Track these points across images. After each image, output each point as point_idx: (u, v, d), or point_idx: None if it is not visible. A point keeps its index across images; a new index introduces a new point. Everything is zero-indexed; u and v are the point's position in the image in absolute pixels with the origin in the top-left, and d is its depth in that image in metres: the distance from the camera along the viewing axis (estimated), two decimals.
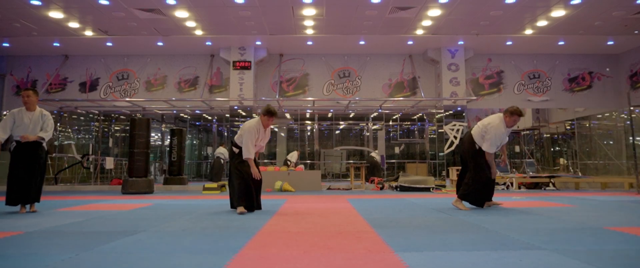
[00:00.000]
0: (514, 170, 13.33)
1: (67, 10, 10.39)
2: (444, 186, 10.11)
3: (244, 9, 10.42)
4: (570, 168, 14.41)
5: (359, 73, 14.15)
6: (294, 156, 13.99)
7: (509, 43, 13.04)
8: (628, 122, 13.11)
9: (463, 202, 5.51)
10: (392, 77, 14.17)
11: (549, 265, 2.48)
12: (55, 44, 12.95)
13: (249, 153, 4.97)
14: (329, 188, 10.80)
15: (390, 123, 15.72)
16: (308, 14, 10.77)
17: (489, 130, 5.25)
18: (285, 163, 13.63)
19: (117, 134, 16.17)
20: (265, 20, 11.23)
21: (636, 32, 12.02)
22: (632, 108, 9.71)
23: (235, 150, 5.20)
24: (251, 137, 5.00)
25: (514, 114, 5.19)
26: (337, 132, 17.28)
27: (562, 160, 14.93)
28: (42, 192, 5.54)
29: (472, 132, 5.52)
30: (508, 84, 14.12)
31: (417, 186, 9.70)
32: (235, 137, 5.27)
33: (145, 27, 11.59)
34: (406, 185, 9.74)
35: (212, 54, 14.04)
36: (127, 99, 13.64)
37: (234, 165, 5.18)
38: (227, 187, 10.33)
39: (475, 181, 5.37)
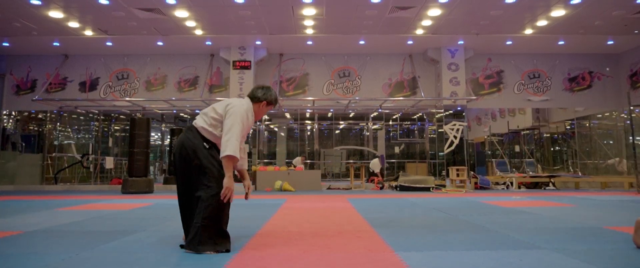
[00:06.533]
0: (514, 170, 13.33)
1: (67, 9, 10.39)
2: (444, 186, 10.11)
3: (243, 9, 10.41)
4: (571, 167, 14.41)
5: (359, 73, 14.14)
6: (298, 161, 13.99)
7: (509, 43, 13.04)
8: (628, 122, 13.11)
9: None
10: (392, 76, 14.17)
11: (549, 264, 2.48)
12: (55, 44, 12.94)
13: (233, 150, 2.88)
14: (329, 188, 10.80)
15: (390, 123, 15.71)
16: (308, 14, 10.77)
17: None
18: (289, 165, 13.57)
19: (117, 134, 16.16)
20: (265, 20, 11.22)
21: (636, 31, 12.02)
22: (632, 108, 9.71)
23: (206, 145, 3.04)
24: (241, 125, 3.01)
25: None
26: (337, 131, 17.26)
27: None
28: (42, 191, 5.56)
29: None
30: (508, 84, 14.11)
31: (417, 186, 9.70)
32: (202, 123, 3.08)
33: (145, 26, 11.59)
34: (406, 184, 9.74)
35: (212, 54, 14.03)
36: (127, 99, 13.63)
37: (205, 167, 2.96)
38: None
39: None
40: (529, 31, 12.07)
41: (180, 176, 3.05)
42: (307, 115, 15.95)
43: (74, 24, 11.38)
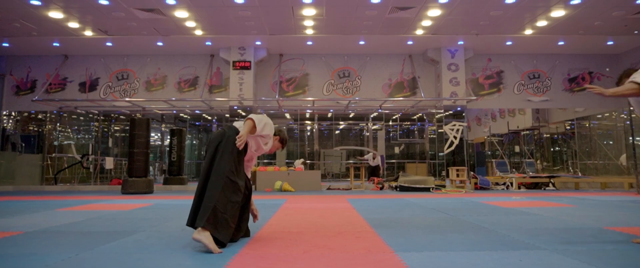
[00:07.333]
0: (513, 170, 13.33)
1: (66, 10, 10.39)
2: (444, 186, 10.10)
3: (243, 9, 10.41)
4: (571, 168, 14.41)
5: (359, 73, 14.14)
6: (297, 164, 14.06)
7: (508, 43, 13.04)
8: (628, 122, 13.11)
9: None
10: (392, 77, 14.17)
11: (549, 265, 2.48)
12: (55, 44, 12.94)
13: (259, 121, 3.37)
14: (328, 188, 10.80)
15: (390, 123, 15.71)
16: (308, 14, 10.76)
17: None
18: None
19: (117, 134, 16.17)
20: (265, 20, 11.22)
21: (636, 32, 12.02)
22: (632, 108, 9.70)
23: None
24: (270, 127, 3.48)
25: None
26: (337, 132, 17.27)
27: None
28: (42, 192, 5.55)
29: None
30: (508, 84, 14.11)
31: (417, 186, 9.70)
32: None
33: (145, 27, 11.58)
34: (406, 185, 9.74)
35: (212, 54, 14.03)
36: (127, 99, 13.63)
37: (234, 158, 3.23)
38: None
39: None
40: (529, 31, 12.07)
41: (208, 164, 3.22)
42: (307, 115, 15.95)
43: (73, 25, 11.38)
